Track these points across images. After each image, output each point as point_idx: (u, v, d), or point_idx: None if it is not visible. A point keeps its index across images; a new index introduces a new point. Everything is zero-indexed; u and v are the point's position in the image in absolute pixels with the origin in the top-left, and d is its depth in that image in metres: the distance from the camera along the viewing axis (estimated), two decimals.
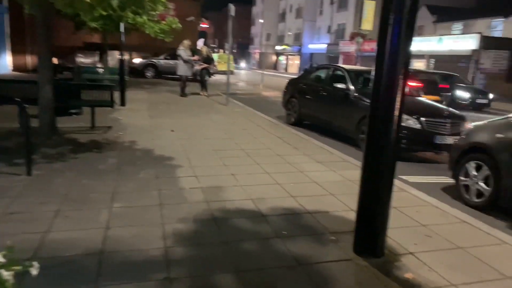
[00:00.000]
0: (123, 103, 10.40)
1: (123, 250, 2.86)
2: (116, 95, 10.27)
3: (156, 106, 10.60)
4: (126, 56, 22.71)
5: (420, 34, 30.54)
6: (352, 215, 3.66)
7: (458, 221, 3.71)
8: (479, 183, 4.38)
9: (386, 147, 2.80)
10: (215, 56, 31.72)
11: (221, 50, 52.54)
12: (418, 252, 3.04)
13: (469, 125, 4.90)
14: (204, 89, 13.71)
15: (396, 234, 3.30)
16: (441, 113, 6.80)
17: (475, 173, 4.45)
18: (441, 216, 3.83)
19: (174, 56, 15.98)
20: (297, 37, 52.23)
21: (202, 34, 31.89)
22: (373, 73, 2.85)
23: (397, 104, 2.75)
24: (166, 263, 2.73)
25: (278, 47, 57.97)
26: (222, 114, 9.88)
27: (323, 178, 4.89)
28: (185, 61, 12.66)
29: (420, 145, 6.65)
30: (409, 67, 2.77)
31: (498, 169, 4.14)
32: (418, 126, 6.53)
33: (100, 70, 14.43)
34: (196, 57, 13.22)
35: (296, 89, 9.76)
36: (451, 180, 5.16)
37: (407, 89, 2.79)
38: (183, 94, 13.03)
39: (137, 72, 21.30)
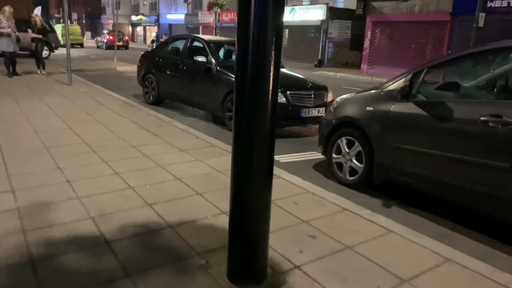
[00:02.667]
0: None
1: None
2: None
3: None
4: None
5: None
6: (224, 221, 2.97)
7: (339, 210, 3.33)
8: (352, 160, 4.14)
9: (259, 129, 2.12)
10: (58, 27, 27.50)
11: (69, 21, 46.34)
12: (305, 263, 2.50)
13: (337, 98, 4.62)
14: (41, 67, 11.37)
15: (277, 240, 2.73)
16: (304, 85, 6.56)
17: (347, 150, 4.19)
18: (320, 206, 3.42)
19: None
20: (154, 7, 49.08)
21: (41, 1, 27.20)
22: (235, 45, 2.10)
23: (271, 75, 2.07)
24: None
25: (134, 17, 53.81)
26: (62, 96, 8.16)
27: (188, 171, 4.09)
28: (4, 34, 10.18)
29: (286, 120, 6.32)
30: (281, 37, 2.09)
31: (369, 144, 3.91)
32: (283, 100, 6.16)
33: None
34: (7, 30, 10.17)
35: (152, 63, 8.59)
36: (321, 156, 4.91)
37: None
38: (9, 73, 10.57)
39: None
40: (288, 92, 6.19)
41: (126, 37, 38.11)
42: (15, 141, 4.86)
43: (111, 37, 31.69)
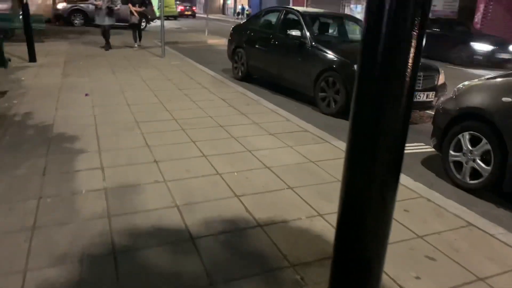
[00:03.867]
0: (32, 58, 8.46)
1: None
2: (23, 48, 8.41)
3: (74, 61, 8.72)
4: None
5: None
6: (321, 225, 2.56)
7: (463, 225, 2.71)
8: (476, 160, 3.41)
9: (389, 124, 1.61)
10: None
11: None
12: None
13: (461, 84, 3.84)
14: (137, 39, 11.60)
15: (387, 258, 2.24)
16: None
17: (470, 147, 3.46)
18: (437, 216, 2.82)
19: None
20: None
21: None
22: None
23: (411, 55, 1.53)
24: None
25: None
26: (155, 69, 8.27)
27: (278, 159, 3.72)
28: (97, 7, 10.43)
29: None
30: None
31: (502, 143, 3.16)
32: None
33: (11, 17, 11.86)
34: (98, 2, 10.42)
35: (242, 37, 8.28)
36: (430, 149, 4.21)
37: None
38: (105, 46, 10.78)
39: (63, 18, 18.56)
40: None
41: (194, 7, 40.99)
42: (109, 114, 4.91)
43: (181, 8, 36.81)
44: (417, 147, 4.63)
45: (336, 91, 5.72)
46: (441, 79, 5.85)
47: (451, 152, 3.63)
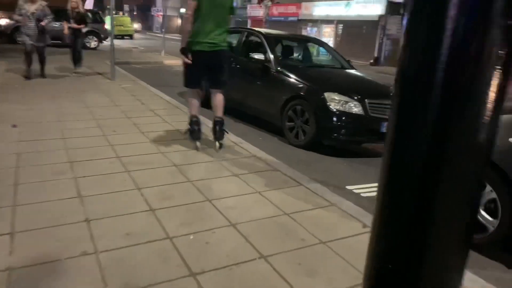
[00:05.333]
0: None
1: None
2: None
3: (8, 84, 7.66)
4: None
5: None
6: None
7: None
8: (480, 212, 2.89)
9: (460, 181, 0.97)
10: (108, 18, 27.54)
11: (121, 13, 47.14)
12: None
13: None
14: (77, 63, 9.45)
15: None
16: (386, 93, 5.30)
17: None
18: None
19: (58, 14, 10.69)
20: None
21: None
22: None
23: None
24: None
25: (183, 10, 53.90)
26: (103, 94, 7.39)
27: (245, 213, 3.01)
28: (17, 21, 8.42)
29: (363, 136, 5.12)
30: None
31: None
32: (360, 110, 4.95)
33: None
34: (17, 18, 8.08)
35: None
36: None
37: None
38: (28, 72, 8.20)
39: (6, 36, 17.14)
40: (366, 100, 4.97)
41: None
42: (37, 152, 4.02)
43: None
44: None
45: (305, 121, 5.15)
46: None
47: None
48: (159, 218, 2.84)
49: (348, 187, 4.05)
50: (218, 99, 4.55)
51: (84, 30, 10.00)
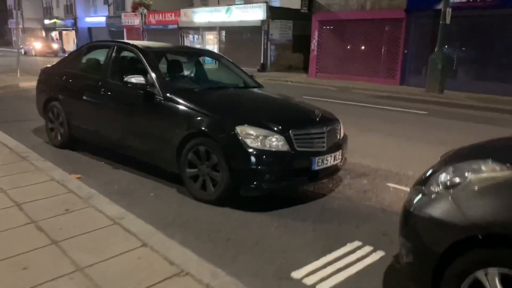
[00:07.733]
0: None
1: None
2: None
3: None
4: None
5: (205, 5, 28.74)
6: None
7: None
8: None
9: None
10: None
11: None
12: None
13: (471, 176, 2.26)
14: None
15: None
16: (312, 118, 4.13)
17: None
18: None
19: None
20: (69, 9, 43.70)
21: None
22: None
23: None
24: None
25: (47, 21, 47.79)
26: None
27: None
28: None
29: (290, 179, 3.86)
30: None
31: None
32: (284, 145, 3.70)
33: None
34: None
35: (57, 85, 5.65)
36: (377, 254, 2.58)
37: None
38: None
39: None
40: (291, 132, 3.74)
41: None
42: None
43: None
44: (355, 254, 2.94)
45: (214, 165, 3.74)
46: (342, 130, 4.44)
47: None
48: None
49: (294, 276, 2.75)
50: None
51: None
